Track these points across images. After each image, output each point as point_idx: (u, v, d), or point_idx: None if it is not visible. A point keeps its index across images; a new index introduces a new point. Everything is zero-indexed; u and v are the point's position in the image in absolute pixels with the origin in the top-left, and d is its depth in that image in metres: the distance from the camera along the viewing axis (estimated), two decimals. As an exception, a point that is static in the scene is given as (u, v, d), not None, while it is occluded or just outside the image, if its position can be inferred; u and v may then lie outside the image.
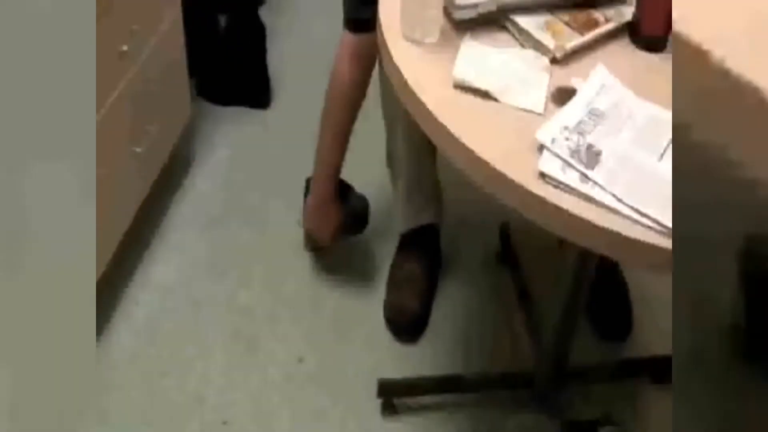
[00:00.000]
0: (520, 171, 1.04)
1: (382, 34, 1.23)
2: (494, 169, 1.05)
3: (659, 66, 1.22)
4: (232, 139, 2.35)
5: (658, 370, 1.82)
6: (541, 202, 1.03)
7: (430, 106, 1.11)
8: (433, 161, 1.87)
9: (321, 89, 2.00)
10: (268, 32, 2.47)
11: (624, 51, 1.24)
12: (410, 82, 1.14)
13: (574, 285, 1.58)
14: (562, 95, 1.13)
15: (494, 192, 1.08)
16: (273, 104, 2.46)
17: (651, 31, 1.22)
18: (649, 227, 0.99)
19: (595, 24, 1.22)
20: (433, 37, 1.19)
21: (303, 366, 1.82)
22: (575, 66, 1.20)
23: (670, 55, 1.20)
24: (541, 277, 1.97)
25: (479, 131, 1.09)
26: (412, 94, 1.14)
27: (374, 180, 2.04)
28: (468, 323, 1.93)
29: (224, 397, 1.75)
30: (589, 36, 1.20)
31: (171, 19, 1.90)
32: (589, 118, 1.10)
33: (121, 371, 1.77)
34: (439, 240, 1.99)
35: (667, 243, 0.98)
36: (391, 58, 1.18)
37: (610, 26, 1.23)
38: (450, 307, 1.96)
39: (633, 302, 1.93)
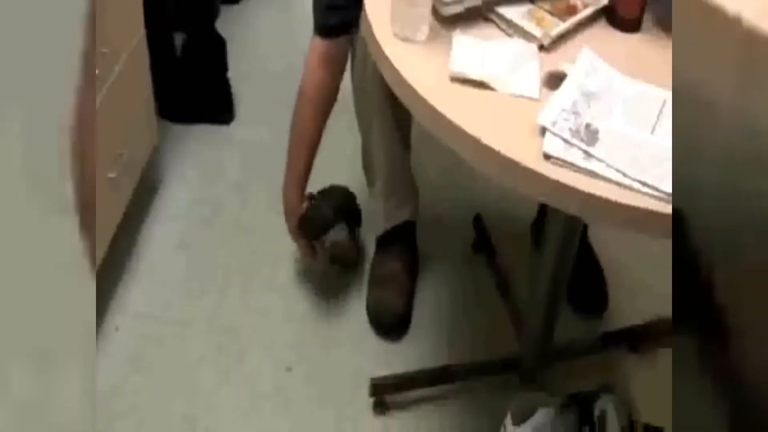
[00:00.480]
0: (525, 154, 1.08)
1: (372, 35, 1.25)
2: (500, 155, 1.09)
3: (637, 45, 1.29)
4: (198, 157, 2.34)
5: (634, 339, 1.90)
6: (549, 181, 1.07)
7: (432, 100, 1.14)
8: (408, 159, 1.91)
9: (281, 98, 2.01)
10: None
11: (603, 33, 1.29)
12: (408, 78, 1.17)
13: (556, 267, 1.62)
14: (554, 79, 1.18)
15: (499, 176, 1.12)
16: (236, 118, 2.47)
17: (626, 14, 1.28)
18: (651, 195, 1.05)
19: (574, 10, 1.27)
20: (423, 34, 1.22)
21: (292, 375, 1.82)
22: (561, 51, 1.25)
23: (647, 35, 1.29)
24: (517, 263, 2.02)
25: (481, 120, 1.13)
26: (410, 89, 1.17)
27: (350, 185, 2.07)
28: (450, 315, 1.97)
29: (216, 416, 1.74)
30: (571, 22, 1.25)
31: (136, 40, 1.90)
32: (583, 99, 1.15)
33: (104, 402, 1.72)
34: (415, 236, 2.02)
35: (667, 209, 1.04)
36: (385, 56, 1.21)
37: (588, 11, 1.28)
38: (431, 301, 1.98)
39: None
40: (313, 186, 1.90)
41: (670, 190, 1.04)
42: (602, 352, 1.89)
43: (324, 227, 1.86)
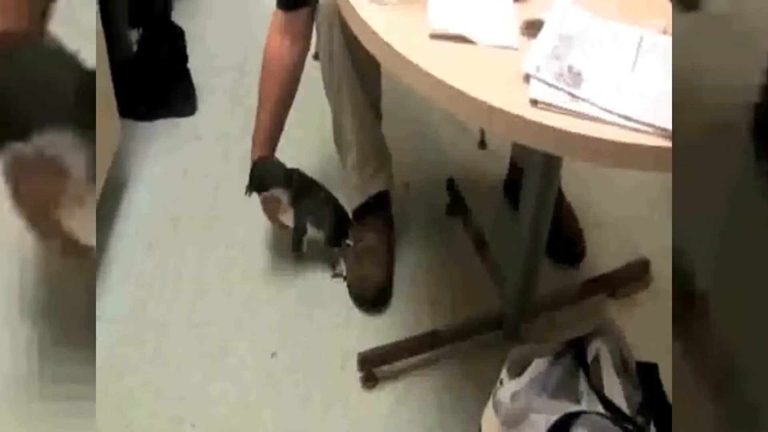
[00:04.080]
0: (512, 102, 1.08)
1: (346, 2, 1.24)
2: (488, 105, 1.09)
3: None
4: (163, 153, 2.28)
5: (613, 285, 1.91)
6: (540, 126, 1.07)
7: (415, 58, 1.14)
8: (379, 127, 1.90)
9: (242, 86, 2.00)
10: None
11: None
12: (388, 40, 1.16)
13: (536, 221, 1.62)
14: (531, 27, 1.18)
15: (489, 126, 1.13)
16: (198, 110, 2.42)
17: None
18: (637, 130, 1.06)
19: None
20: (396, -4, 1.22)
21: (277, 360, 1.79)
22: (533, 0, 1.25)
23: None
24: (492, 222, 2.02)
25: (465, 73, 1.12)
26: (391, 50, 1.16)
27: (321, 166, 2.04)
28: (431, 280, 1.96)
29: (204, 412, 1.70)
30: (540, -29, 1.26)
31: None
32: (562, 44, 1.15)
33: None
34: (390, 206, 2.01)
35: (655, 141, 1.05)
36: (362, 21, 1.20)
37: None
38: (410, 269, 1.97)
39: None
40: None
41: (654, 121, 1.05)
42: (582, 300, 1.89)
43: (267, 179, 1.84)
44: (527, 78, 1.11)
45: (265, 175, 1.84)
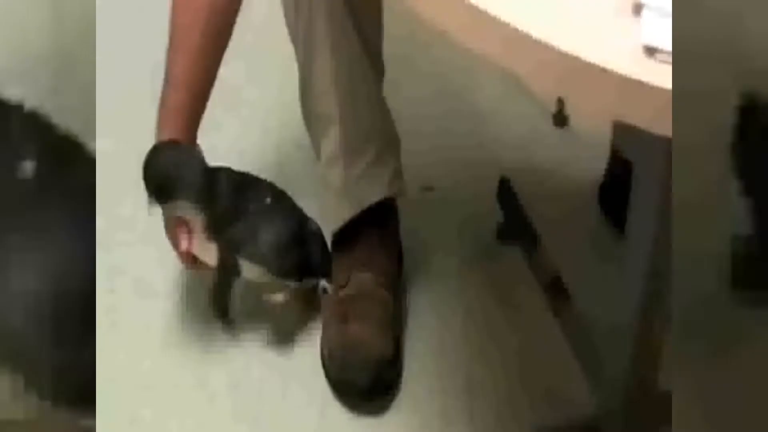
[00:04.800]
0: (611, 51, 1.08)
1: None
2: (570, 57, 1.08)
3: None
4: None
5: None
6: (658, 92, 1.06)
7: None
8: (379, 91, 1.94)
9: (146, 24, 2.01)
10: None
11: None
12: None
13: (655, 249, 1.60)
14: None
15: (571, 94, 1.13)
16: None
17: None
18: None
19: None
20: None
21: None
22: None
23: None
24: (576, 254, 2.04)
25: (530, 3, 1.12)
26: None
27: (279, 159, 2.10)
28: (466, 354, 1.98)
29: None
30: None
31: None
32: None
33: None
34: (398, 225, 2.04)
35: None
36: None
37: None
38: (431, 335, 2.00)
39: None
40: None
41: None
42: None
43: (173, 181, 1.85)
44: (637, 9, 1.11)
45: (170, 174, 1.85)
